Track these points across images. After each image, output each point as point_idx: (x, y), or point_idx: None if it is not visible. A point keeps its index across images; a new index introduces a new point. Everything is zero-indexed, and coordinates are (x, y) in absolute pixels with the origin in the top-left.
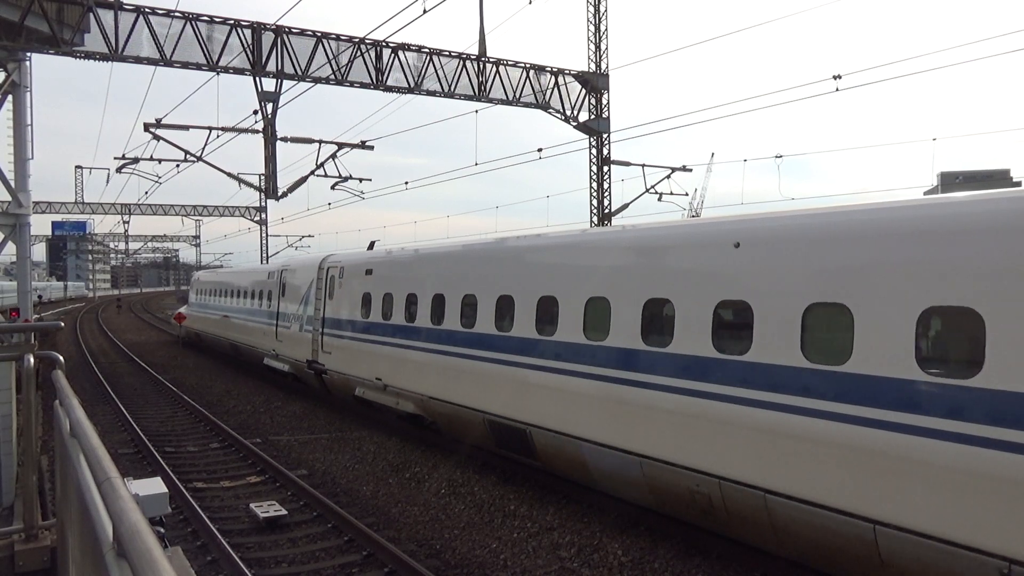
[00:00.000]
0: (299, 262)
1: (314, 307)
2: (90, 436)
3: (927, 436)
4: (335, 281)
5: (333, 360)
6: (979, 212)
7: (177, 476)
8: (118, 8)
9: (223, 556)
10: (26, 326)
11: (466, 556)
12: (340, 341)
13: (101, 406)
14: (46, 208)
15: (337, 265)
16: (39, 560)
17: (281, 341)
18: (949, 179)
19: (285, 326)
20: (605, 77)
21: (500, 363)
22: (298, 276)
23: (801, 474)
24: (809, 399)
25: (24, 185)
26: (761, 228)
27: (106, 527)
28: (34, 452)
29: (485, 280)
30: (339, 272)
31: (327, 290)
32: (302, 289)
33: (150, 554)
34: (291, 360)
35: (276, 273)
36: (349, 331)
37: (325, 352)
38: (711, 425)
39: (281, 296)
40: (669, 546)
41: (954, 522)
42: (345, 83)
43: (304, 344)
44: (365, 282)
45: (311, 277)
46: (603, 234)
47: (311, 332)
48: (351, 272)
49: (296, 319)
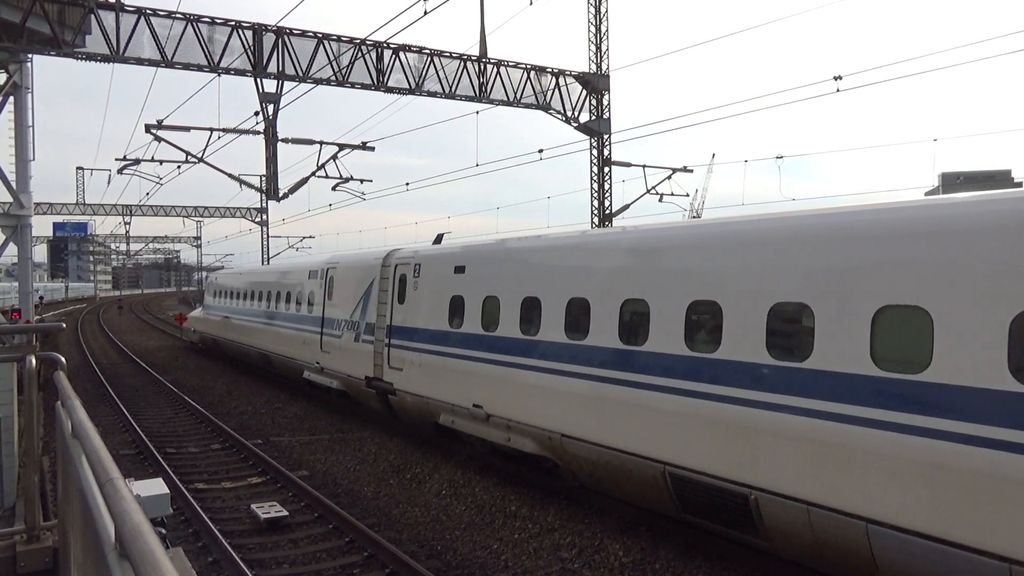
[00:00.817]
0: (352, 259)
1: (377, 312)
2: (92, 437)
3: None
4: (407, 281)
5: (405, 379)
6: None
7: (178, 477)
8: (119, 9)
9: (224, 557)
10: (28, 327)
11: (467, 557)
12: (417, 355)
13: (102, 407)
14: (47, 209)
15: (409, 261)
16: (41, 561)
17: (328, 352)
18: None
19: (333, 335)
20: (606, 78)
21: (697, 396)
22: (352, 275)
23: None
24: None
25: (25, 186)
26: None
27: (108, 528)
28: (36, 453)
29: (666, 281)
30: (413, 270)
31: (396, 292)
32: (358, 291)
33: (152, 555)
34: (341, 375)
35: (321, 272)
36: (431, 343)
37: (393, 368)
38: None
39: (327, 299)
40: (670, 547)
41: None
42: (346, 84)
43: (361, 357)
44: (454, 283)
45: (371, 276)
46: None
47: (371, 343)
48: (432, 270)
49: (349, 327)
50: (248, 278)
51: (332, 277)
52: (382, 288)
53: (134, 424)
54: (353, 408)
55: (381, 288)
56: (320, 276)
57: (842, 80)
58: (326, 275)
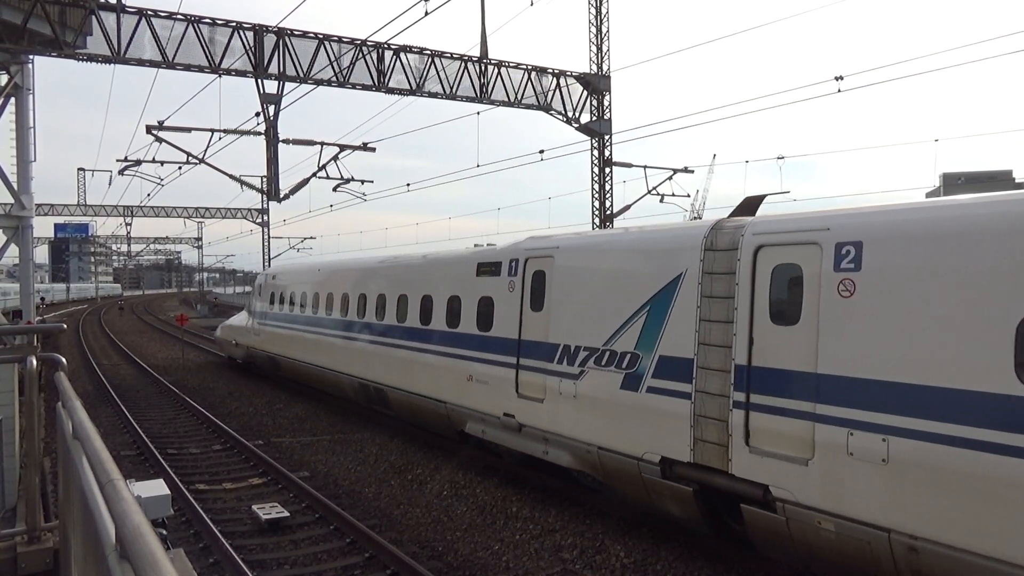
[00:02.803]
0: (597, 240)
1: (697, 338)
2: (93, 438)
3: None
4: (813, 284)
5: (820, 479)
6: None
7: (179, 478)
8: (120, 11)
9: (225, 558)
10: (29, 328)
11: (468, 558)
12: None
13: (103, 408)
14: (48, 210)
15: (808, 242)
16: (42, 562)
17: (537, 400)
18: (951, 180)
19: (549, 371)
20: (607, 78)
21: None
22: (607, 267)
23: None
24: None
25: (27, 187)
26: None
27: (109, 529)
28: (37, 454)
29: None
30: (835, 257)
31: (774, 301)
32: (627, 296)
33: (153, 556)
34: (578, 444)
35: (510, 264)
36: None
37: (765, 451)
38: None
39: (530, 308)
40: (671, 548)
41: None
42: (347, 85)
43: (642, 419)
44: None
45: (672, 269)
46: None
47: (679, 396)
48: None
49: (599, 359)
50: (340, 276)
51: (546, 273)
52: (715, 292)
53: (135, 425)
54: (354, 409)
55: (710, 292)
56: (509, 270)
57: (843, 80)
58: (524, 269)
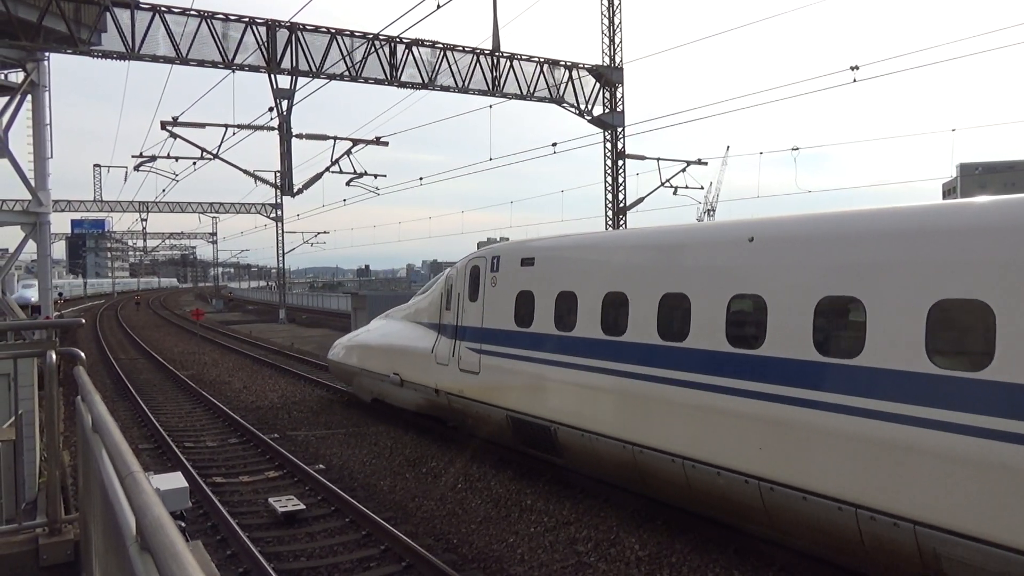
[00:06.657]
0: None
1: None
2: (112, 431)
3: None
4: None
5: None
6: None
7: (197, 471)
8: (134, 7)
9: (242, 550)
10: (48, 323)
11: (483, 550)
12: None
13: (121, 402)
14: (65, 207)
15: None
16: (63, 554)
17: None
18: (969, 170)
19: None
20: (619, 71)
21: None
22: None
23: None
24: None
25: (44, 184)
26: None
27: (129, 521)
28: (57, 447)
29: None
30: None
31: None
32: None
33: (174, 547)
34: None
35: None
36: None
37: None
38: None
39: None
40: (686, 540)
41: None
42: (359, 79)
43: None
44: None
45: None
46: None
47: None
48: None
49: None
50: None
51: None
52: (455, 287)
53: (152, 418)
54: (367, 403)
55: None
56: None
57: (859, 71)
58: None
